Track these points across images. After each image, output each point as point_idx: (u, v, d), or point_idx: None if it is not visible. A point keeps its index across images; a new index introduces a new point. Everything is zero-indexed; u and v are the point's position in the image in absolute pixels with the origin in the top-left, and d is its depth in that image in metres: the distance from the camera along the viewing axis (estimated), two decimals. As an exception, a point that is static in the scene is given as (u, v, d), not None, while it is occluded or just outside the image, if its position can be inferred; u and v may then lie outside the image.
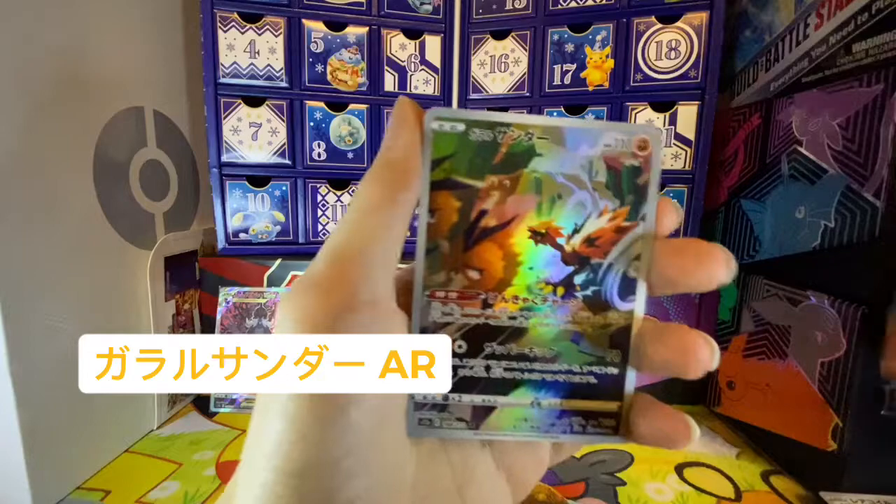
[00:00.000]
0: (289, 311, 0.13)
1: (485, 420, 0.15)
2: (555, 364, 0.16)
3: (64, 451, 0.38)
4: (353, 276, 0.13)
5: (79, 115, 0.39)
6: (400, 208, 0.14)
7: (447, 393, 0.15)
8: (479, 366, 0.15)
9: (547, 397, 0.16)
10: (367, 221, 0.13)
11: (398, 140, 0.14)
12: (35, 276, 0.35)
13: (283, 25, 0.53)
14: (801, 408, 0.40)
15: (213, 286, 0.54)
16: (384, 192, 0.14)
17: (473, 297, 0.15)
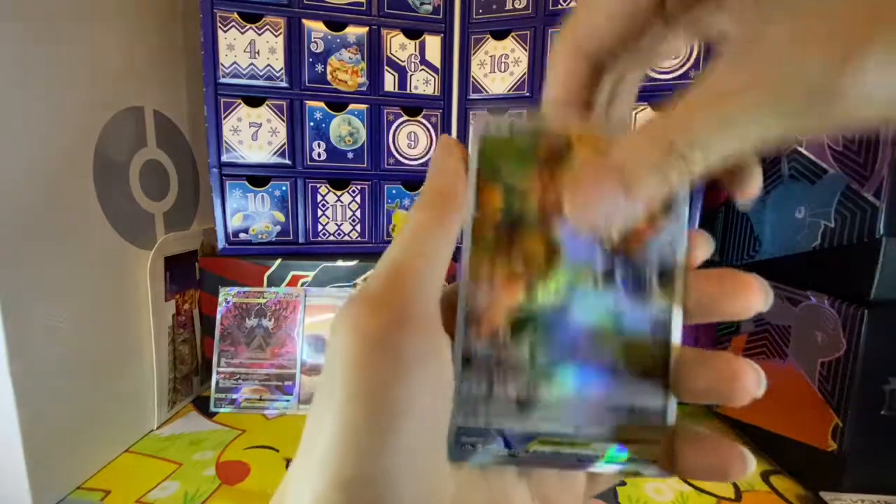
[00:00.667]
0: (342, 324, 0.13)
1: (525, 448, 0.15)
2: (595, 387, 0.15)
3: (64, 451, 0.38)
4: (405, 292, 0.14)
5: (79, 115, 0.39)
6: (447, 230, 0.15)
7: (488, 426, 0.15)
8: (523, 389, 0.15)
9: (587, 425, 0.15)
10: (418, 243, 0.14)
11: (445, 169, 0.15)
12: (35, 276, 0.35)
13: (283, 25, 0.53)
14: (801, 408, 0.40)
15: (213, 286, 0.54)
16: (432, 216, 0.15)
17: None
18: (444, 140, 0.16)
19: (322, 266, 0.54)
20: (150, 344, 0.47)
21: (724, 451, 0.15)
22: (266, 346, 0.53)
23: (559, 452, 0.15)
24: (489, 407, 0.15)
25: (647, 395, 0.15)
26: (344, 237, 0.58)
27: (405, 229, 0.15)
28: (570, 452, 0.15)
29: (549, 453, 0.15)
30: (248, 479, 0.41)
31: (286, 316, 0.53)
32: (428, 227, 0.15)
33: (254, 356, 0.52)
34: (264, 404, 0.51)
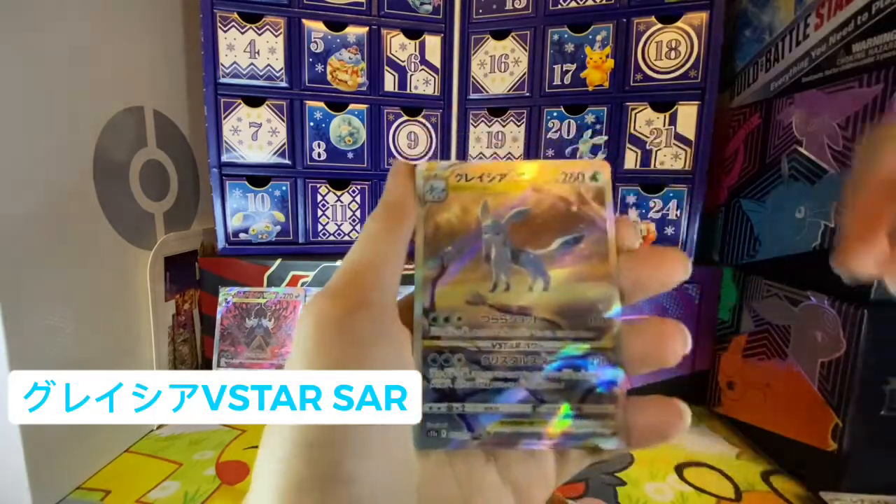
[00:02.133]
0: (305, 314, 0.15)
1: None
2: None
3: (64, 451, 0.38)
4: (360, 285, 0.16)
5: (79, 115, 0.39)
6: (398, 235, 0.17)
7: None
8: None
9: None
10: (373, 246, 0.17)
11: (395, 187, 0.18)
12: (35, 276, 0.35)
13: (283, 25, 0.53)
14: (801, 408, 0.40)
15: (213, 286, 0.54)
16: (385, 225, 0.17)
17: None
18: (395, 162, 0.19)
19: (322, 266, 0.54)
20: (150, 344, 0.47)
21: (664, 409, 0.16)
22: (266, 345, 0.53)
23: (519, 432, 0.16)
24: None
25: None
26: (344, 237, 0.58)
27: (361, 237, 0.17)
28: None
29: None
30: (248, 479, 0.41)
31: (286, 316, 0.53)
32: (380, 234, 0.17)
33: (254, 356, 0.52)
34: (264, 404, 0.51)
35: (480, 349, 0.16)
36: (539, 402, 0.16)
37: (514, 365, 0.16)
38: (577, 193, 0.17)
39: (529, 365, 0.16)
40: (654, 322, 0.16)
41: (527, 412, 0.16)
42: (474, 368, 0.16)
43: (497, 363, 0.16)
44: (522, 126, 0.57)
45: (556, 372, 0.16)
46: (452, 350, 0.16)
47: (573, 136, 0.55)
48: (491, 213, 0.17)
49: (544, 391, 0.16)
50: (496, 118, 0.57)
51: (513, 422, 0.16)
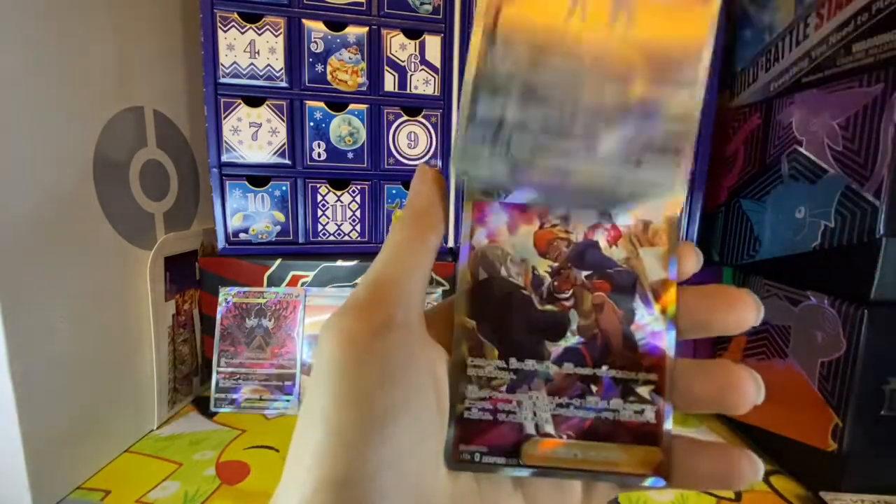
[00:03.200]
0: (330, 331, 0.14)
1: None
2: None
3: (64, 451, 0.38)
4: (389, 301, 0.15)
5: (79, 115, 0.39)
6: (425, 246, 0.16)
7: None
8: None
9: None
10: (400, 257, 0.16)
11: (421, 192, 0.17)
12: (35, 276, 0.35)
13: (283, 25, 0.53)
14: (801, 408, 0.40)
15: (213, 286, 0.54)
16: (413, 234, 0.16)
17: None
18: (421, 167, 0.18)
19: (322, 266, 0.54)
20: (150, 344, 0.47)
21: (731, 457, 0.15)
22: (266, 346, 0.53)
23: (554, 461, 0.15)
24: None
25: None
26: (344, 237, 0.58)
27: (387, 245, 0.16)
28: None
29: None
30: (248, 479, 0.41)
31: (286, 316, 0.53)
32: (407, 244, 0.16)
33: (254, 356, 0.52)
34: (264, 404, 0.51)
35: (540, 83, 0.14)
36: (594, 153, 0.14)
37: (575, 107, 0.14)
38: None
39: (594, 109, 0.14)
40: (726, 365, 0.15)
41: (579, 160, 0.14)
42: (530, 103, 0.14)
43: (555, 100, 0.14)
44: (522, 126, 0.56)
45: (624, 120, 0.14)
46: (509, 77, 0.14)
47: (573, 136, 0.55)
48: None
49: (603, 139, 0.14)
50: (496, 118, 0.57)
51: (559, 171, 0.14)
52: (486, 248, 0.16)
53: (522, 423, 0.15)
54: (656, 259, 0.16)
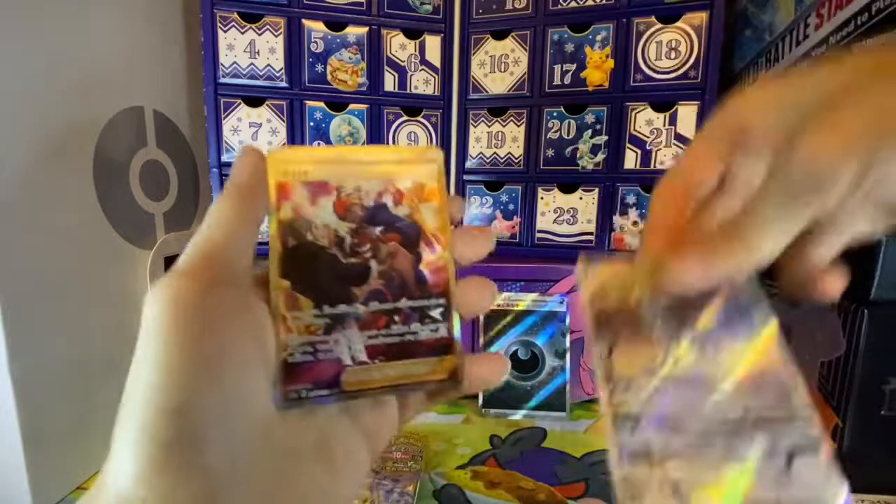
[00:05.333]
0: (158, 295, 0.15)
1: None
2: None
3: (64, 451, 0.38)
4: (213, 264, 0.16)
5: (79, 115, 0.39)
6: (251, 215, 0.18)
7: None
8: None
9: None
10: (224, 224, 0.17)
11: (244, 169, 0.18)
12: (35, 276, 0.35)
13: (283, 25, 0.53)
14: (801, 408, 0.40)
15: (213, 286, 0.54)
16: (236, 205, 0.18)
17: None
18: (246, 146, 0.19)
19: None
20: (150, 344, 0.47)
21: (490, 360, 0.20)
22: (266, 346, 0.53)
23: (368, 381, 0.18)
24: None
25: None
26: (344, 237, 0.58)
27: (210, 215, 0.17)
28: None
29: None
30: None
31: (286, 316, 0.53)
32: (228, 213, 0.17)
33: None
34: (264, 404, 0.51)
35: (667, 412, 0.18)
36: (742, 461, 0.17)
37: (707, 428, 0.18)
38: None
39: (725, 428, 0.18)
40: (477, 280, 0.20)
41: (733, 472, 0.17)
42: (665, 431, 0.18)
43: (688, 426, 0.18)
44: (522, 126, 0.57)
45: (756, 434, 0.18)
46: (640, 414, 0.18)
47: (573, 136, 0.55)
48: (648, 296, 0.20)
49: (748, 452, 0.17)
50: (496, 118, 0.57)
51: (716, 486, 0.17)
52: (291, 219, 0.18)
53: (340, 357, 0.18)
54: (432, 212, 0.19)
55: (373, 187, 0.19)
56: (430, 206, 0.20)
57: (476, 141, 0.58)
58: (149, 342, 0.15)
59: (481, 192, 0.59)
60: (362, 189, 0.19)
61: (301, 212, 0.18)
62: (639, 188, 0.54)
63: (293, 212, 0.18)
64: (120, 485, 0.14)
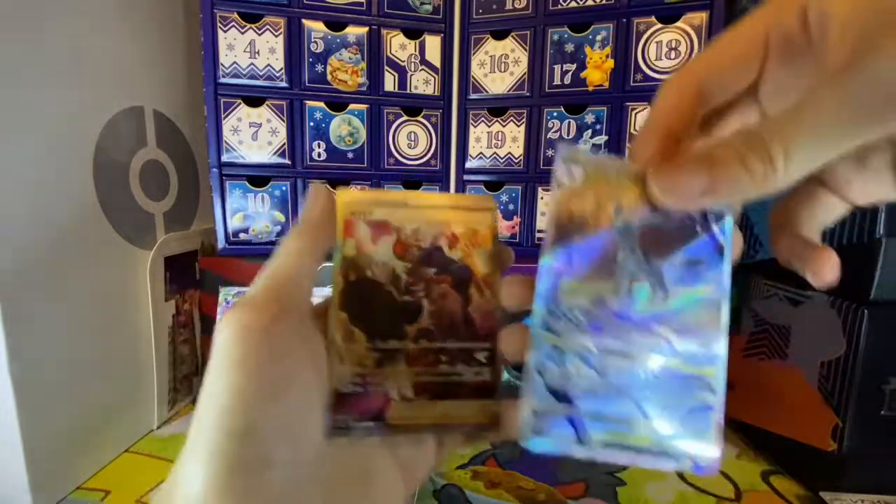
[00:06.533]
0: (229, 323, 0.16)
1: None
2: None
3: (64, 451, 0.38)
4: (281, 297, 0.17)
5: (79, 115, 0.39)
6: (317, 253, 0.19)
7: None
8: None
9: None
10: (293, 261, 0.18)
11: (315, 208, 0.20)
12: (35, 275, 0.35)
13: (283, 25, 0.53)
14: (801, 408, 0.40)
15: (213, 286, 0.54)
16: (305, 242, 0.19)
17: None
18: (316, 186, 0.20)
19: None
20: (150, 344, 0.47)
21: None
22: (266, 346, 0.53)
23: (622, 444, 0.17)
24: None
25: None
26: (344, 237, 0.58)
27: (282, 250, 0.19)
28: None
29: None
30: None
31: (286, 316, 0.53)
32: (300, 250, 0.19)
33: (254, 356, 0.52)
34: (264, 404, 0.51)
35: (597, 352, 0.17)
36: (645, 417, 0.17)
37: (626, 375, 0.17)
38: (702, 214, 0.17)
39: (640, 377, 0.17)
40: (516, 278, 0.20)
41: (633, 425, 0.17)
42: (589, 371, 0.17)
43: (610, 370, 0.17)
44: (522, 126, 0.57)
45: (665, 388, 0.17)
46: (570, 349, 0.17)
47: (573, 136, 0.55)
48: (624, 215, 0.17)
49: (651, 406, 0.17)
50: (496, 118, 0.57)
51: (616, 434, 0.17)
52: (354, 255, 0.19)
53: (387, 391, 0.19)
54: (484, 257, 0.20)
55: (430, 230, 0.20)
56: (482, 251, 0.20)
57: (476, 141, 0.58)
58: (219, 367, 0.16)
59: (481, 193, 0.59)
60: (420, 231, 0.20)
61: (363, 249, 0.19)
62: (639, 188, 0.54)
63: (356, 249, 0.19)
64: (188, 498, 0.14)
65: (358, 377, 0.18)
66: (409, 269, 0.19)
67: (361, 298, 0.19)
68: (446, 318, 0.19)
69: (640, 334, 0.17)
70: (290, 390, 0.16)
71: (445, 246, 0.20)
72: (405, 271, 0.19)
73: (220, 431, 0.15)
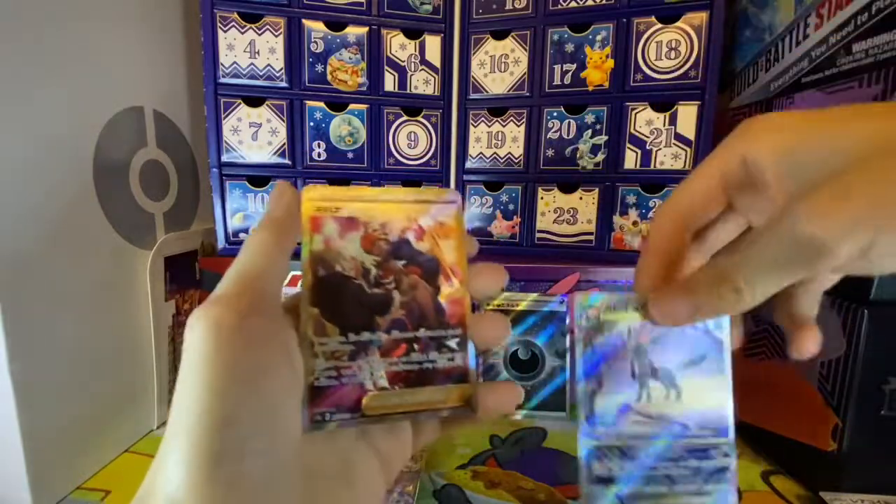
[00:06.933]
0: (201, 320, 0.16)
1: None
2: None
3: (64, 451, 0.38)
4: (252, 293, 0.17)
5: (79, 115, 0.39)
6: (285, 247, 0.19)
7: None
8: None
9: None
10: (261, 255, 0.18)
11: (280, 204, 0.20)
12: (35, 275, 0.35)
13: (283, 25, 0.53)
14: (801, 408, 0.40)
15: (213, 286, 0.53)
16: (273, 237, 0.19)
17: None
18: (282, 183, 0.21)
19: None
20: (150, 344, 0.47)
21: (504, 389, 0.22)
22: (266, 346, 0.53)
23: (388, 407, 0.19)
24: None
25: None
26: (344, 237, 0.58)
27: (248, 246, 0.19)
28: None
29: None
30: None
31: (286, 316, 0.53)
32: (265, 245, 0.19)
33: (254, 356, 0.52)
34: (264, 404, 0.51)
35: (631, 446, 0.21)
36: (672, 484, 0.21)
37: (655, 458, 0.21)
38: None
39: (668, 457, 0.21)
40: (493, 316, 0.22)
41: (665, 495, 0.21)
42: (626, 461, 0.21)
43: (642, 455, 0.21)
44: (522, 126, 0.57)
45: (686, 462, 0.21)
46: (609, 447, 0.21)
47: (573, 136, 0.55)
48: (633, 337, 0.22)
49: (678, 476, 0.21)
50: (496, 118, 0.57)
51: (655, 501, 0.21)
52: (322, 250, 0.19)
53: (362, 382, 0.19)
54: (451, 248, 0.21)
55: (397, 224, 0.20)
56: (448, 242, 0.21)
57: (476, 141, 0.58)
58: (192, 363, 0.16)
59: (481, 192, 0.59)
60: (387, 225, 0.20)
61: (331, 244, 0.19)
62: (639, 188, 0.54)
63: (324, 244, 0.19)
64: (169, 491, 0.15)
65: (332, 370, 0.19)
66: (378, 263, 0.20)
67: (332, 293, 0.19)
68: (417, 308, 0.20)
69: (661, 425, 0.21)
70: (265, 383, 0.16)
71: (413, 239, 0.21)
72: (374, 264, 0.20)
73: (197, 424, 0.15)
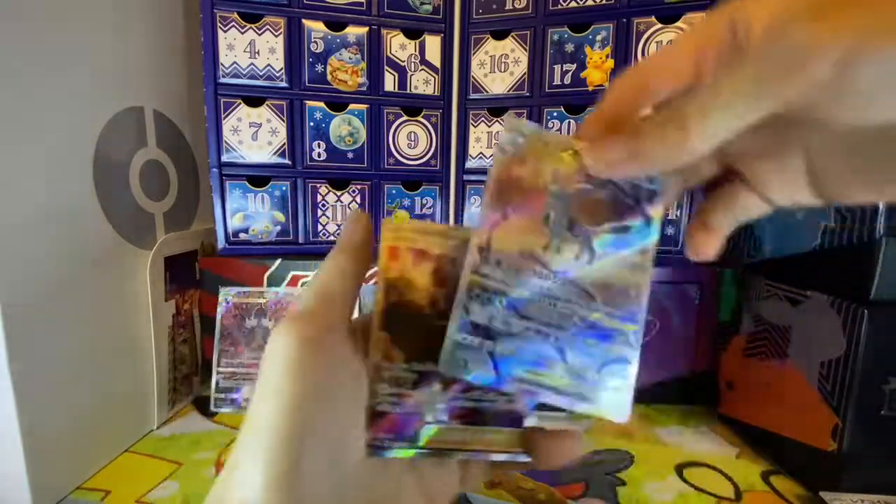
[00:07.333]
0: (284, 332, 0.17)
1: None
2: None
3: (64, 451, 0.38)
4: (332, 310, 0.18)
5: (79, 115, 0.39)
6: (360, 274, 0.20)
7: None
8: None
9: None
10: (340, 277, 0.19)
11: (357, 232, 0.21)
12: (35, 275, 0.35)
13: (283, 25, 0.53)
14: (801, 408, 0.40)
15: (213, 286, 0.54)
16: (351, 262, 0.20)
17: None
18: (356, 211, 0.22)
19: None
20: (150, 344, 0.47)
21: (567, 438, 0.20)
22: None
23: (539, 382, 0.19)
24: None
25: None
26: (344, 237, 0.58)
27: (326, 267, 0.20)
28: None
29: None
30: (248, 479, 0.41)
31: (286, 316, 0.53)
32: (347, 268, 0.20)
33: (254, 356, 0.52)
34: (264, 404, 0.51)
35: (521, 298, 0.18)
36: (564, 360, 0.18)
37: (548, 321, 0.18)
38: (633, 186, 0.19)
39: (562, 325, 0.18)
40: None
41: (551, 366, 0.18)
42: (511, 314, 0.18)
43: (533, 314, 0.18)
44: (522, 126, 0.56)
45: (586, 336, 0.18)
46: (496, 291, 0.18)
47: (573, 136, 0.55)
48: (559, 182, 0.19)
49: (571, 351, 0.18)
50: (496, 118, 0.57)
51: (535, 372, 0.18)
52: (396, 279, 0.20)
53: (422, 413, 0.19)
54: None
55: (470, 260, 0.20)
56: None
57: (476, 141, 0.58)
58: (274, 373, 0.16)
59: (481, 192, 0.59)
60: (458, 261, 0.20)
61: (404, 274, 0.20)
62: (639, 188, 0.54)
63: (398, 273, 0.20)
64: (246, 495, 0.15)
65: (395, 396, 0.19)
66: (446, 296, 0.20)
67: (401, 320, 0.20)
68: None
69: (565, 287, 0.18)
70: (339, 401, 0.17)
71: None
72: (443, 297, 0.20)
73: (277, 434, 0.15)
